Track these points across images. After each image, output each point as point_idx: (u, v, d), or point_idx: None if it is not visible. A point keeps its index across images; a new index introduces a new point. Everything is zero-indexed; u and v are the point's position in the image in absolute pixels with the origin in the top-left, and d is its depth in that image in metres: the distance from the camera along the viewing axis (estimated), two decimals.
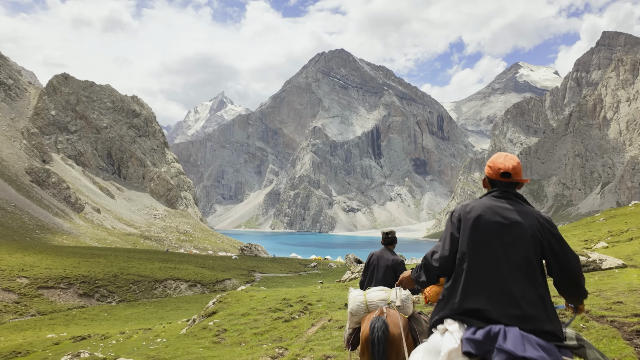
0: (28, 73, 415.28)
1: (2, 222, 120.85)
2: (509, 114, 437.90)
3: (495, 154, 3.86)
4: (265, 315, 14.42)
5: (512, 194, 3.64)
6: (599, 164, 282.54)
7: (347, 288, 20.19)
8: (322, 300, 15.80)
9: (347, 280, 34.55)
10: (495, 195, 3.65)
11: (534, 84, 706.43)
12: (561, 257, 3.44)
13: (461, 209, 3.69)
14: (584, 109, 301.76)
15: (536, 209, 3.59)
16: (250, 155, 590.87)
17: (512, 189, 3.67)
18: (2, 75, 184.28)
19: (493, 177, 3.70)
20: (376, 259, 7.17)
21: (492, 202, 3.60)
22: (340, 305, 14.12)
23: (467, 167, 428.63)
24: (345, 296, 15.85)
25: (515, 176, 3.63)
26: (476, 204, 3.66)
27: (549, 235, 3.45)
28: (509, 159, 3.69)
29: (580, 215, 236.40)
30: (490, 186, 3.79)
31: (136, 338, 19.85)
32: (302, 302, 15.82)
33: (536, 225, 3.45)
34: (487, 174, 3.76)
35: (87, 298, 41.60)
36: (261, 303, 16.78)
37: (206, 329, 14.92)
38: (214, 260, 73.12)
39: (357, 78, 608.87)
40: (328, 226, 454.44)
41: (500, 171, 3.64)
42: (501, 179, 3.66)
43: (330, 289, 20.70)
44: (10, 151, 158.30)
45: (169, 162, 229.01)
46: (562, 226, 62.17)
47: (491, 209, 3.54)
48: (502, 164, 3.65)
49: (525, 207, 3.57)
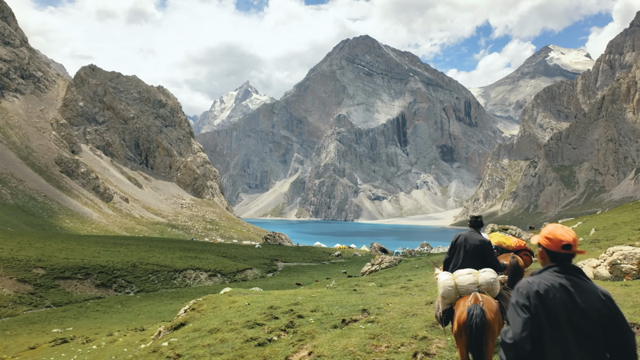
0: (57, 65, 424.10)
1: (33, 212, 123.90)
2: (539, 99, 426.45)
3: (549, 225, 3.99)
4: (238, 333, 11.78)
5: (574, 269, 3.74)
6: (632, 148, 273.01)
7: (355, 290, 18.35)
8: (318, 310, 13.12)
9: (367, 272, 33.55)
10: (558, 271, 3.74)
11: (564, 67, 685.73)
12: (622, 335, 3.54)
13: (528, 287, 3.72)
14: (617, 92, 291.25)
15: (595, 284, 3.73)
16: (276, 144, 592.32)
17: (570, 262, 3.79)
18: (31, 68, 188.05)
19: (553, 249, 3.78)
20: (463, 239, 7.50)
21: (557, 278, 3.68)
22: (338, 319, 11.54)
23: (495, 153, 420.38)
24: (351, 302, 14.07)
25: (574, 248, 3.75)
26: (541, 280, 3.72)
27: (611, 312, 3.57)
28: (567, 230, 3.82)
29: (614, 202, 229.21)
30: (549, 258, 3.85)
31: (121, 343, 18.32)
32: (292, 312, 13.06)
33: (599, 302, 3.57)
34: (546, 245, 3.84)
35: (105, 288, 41.39)
36: (240, 313, 14.00)
37: (156, 352, 12.23)
38: (236, 249, 72.97)
39: (382, 65, 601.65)
40: (353, 214, 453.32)
41: (562, 243, 3.74)
42: (562, 251, 3.76)
43: (334, 292, 18.13)
44: (40, 142, 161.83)
45: (195, 152, 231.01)
46: (605, 212, 59.17)
47: (558, 286, 3.63)
48: (563, 236, 3.76)
49: (587, 284, 3.66)
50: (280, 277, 52.64)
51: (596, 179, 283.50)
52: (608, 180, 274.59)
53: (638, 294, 11.38)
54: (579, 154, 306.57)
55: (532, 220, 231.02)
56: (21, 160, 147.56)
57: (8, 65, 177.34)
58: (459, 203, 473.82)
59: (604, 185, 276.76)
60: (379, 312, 11.86)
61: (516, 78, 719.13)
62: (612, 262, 14.66)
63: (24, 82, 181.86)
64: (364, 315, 11.70)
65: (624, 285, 12.91)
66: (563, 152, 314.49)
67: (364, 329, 10.28)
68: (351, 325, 10.84)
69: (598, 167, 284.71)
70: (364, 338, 9.56)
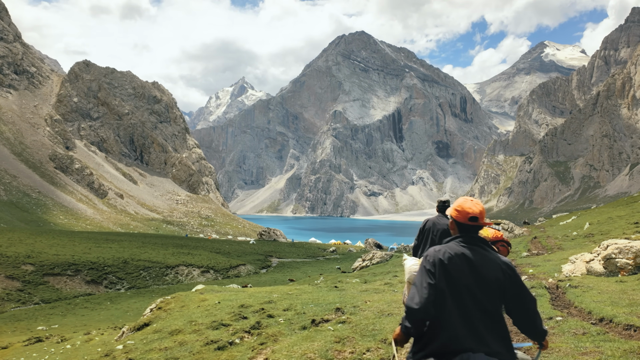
0: (52, 61, 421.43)
1: (27, 208, 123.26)
2: (535, 95, 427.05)
3: (459, 198, 4.24)
4: (200, 334, 10.99)
5: (478, 240, 4.05)
6: (627, 144, 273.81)
7: (336, 287, 17.61)
8: (291, 309, 12.40)
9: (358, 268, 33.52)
10: (464, 242, 4.03)
11: (560, 63, 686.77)
12: (522, 299, 3.91)
13: (434, 255, 4.00)
14: (612, 88, 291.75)
15: (498, 255, 4.06)
16: (271, 140, 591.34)
17: (476, 232, 4.09)
18: (25, 63, 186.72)
19: (461, 220, 4.08)
20: (432, 224, 7.45)
21: (462, 248, 3.98)
22: (308, 319, 10.90)
23: (490, 149, 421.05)
24: (328, 300, 13.45)
25: (481, 220, 4.05)
26: (447, 249, 4.00)
27: (510, 280, 3.90)
28: (475, 203, 4.12)
29: (609, 197, 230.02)
30: (458, 229, 4.14)
31: (96, 342, 17.55)
32: (262, 312, 12.28)
33: (499, 271, 3.90)
34: (454, 217, 4.14)
35: (95, 285, 40.98)
36: (208, 312, 13.24)
37: (109, 357, 11.53)
38: (230, 245, 72.76)
39: (377, 60, 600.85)
40: (349, 210, 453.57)
41: (469, 215, 4.04)
42: (469, 223, 4.05)
43: (313, 289, 17.35)
44: (34, 138, 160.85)
45: (190, 148, 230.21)
46: (600, 207, 59.15)
47: (462, 255, 3.92)
48: (470, 209, 4.06)
49: (489, 254, 4.00)
50: (274, 273, 52.57)
51: (591, 174, 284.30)
52: (603, 176, 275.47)
53: (634, 290, 10.94)
54: (574, 149, 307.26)
55: (527, 216, 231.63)
56: (15, 157, 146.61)
57: (1, 61, 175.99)
58: (454, 199, 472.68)
59: (598, 180, 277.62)
60: (354, 311, 11.36)
61: (512, 74, 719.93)
62: (607, 256, 14.02)
63: (17, 77, 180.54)
64: (337, 314, 11.12)
65: (619, 282, 12.45)
66: (558, 147, 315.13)
67: (332, 331, 9.72)
68: (320, 327, 10.26)
69: (593, 162, 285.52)
70: (328, 342, 9.02)
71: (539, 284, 12.75)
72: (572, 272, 14.96)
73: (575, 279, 13.40)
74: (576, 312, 9.87)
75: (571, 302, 10.67)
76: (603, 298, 10.46)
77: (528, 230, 45.78)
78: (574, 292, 11.43)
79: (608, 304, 9.83)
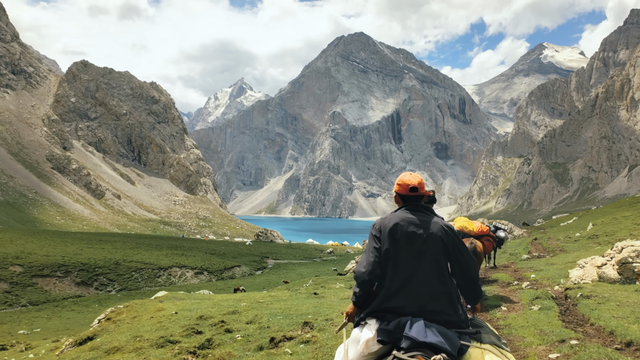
0: (50, 61, 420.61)
1: (23, 209, 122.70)
2: (533, 96, 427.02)
3: (401, 174, 4.50)
4: (140, 354, 9.52)
5: (422, 207, 4.25)
6: (626, 146, 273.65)
7: (316, 294, 16.00)
8: (255, 321, 10.93)
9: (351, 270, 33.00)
10: (408, 209, 4.22)
11: (558, 65, 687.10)
12: (461, 260, 4.06)
13: (380, 222, 4.21)
14: (610, 90, 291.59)
15: (441, 218, 4.27)
16: (270, 141, 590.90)
17: (419, 202, 4.29)
18: (22, 63, 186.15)
19: (402, 192, 4.30)
20: None
21: (406, 214, 4.16)
22: (267, 337, 9.50)
23: (489, 150, 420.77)
24: (301, 310, 12.11)
25: (420, 190, 4.26)
26: (393, 216, 4.20)
27: (452, 241, 4.07)
28: (414, 176, 4.37)
29: (607, 199, 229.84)
30: (402, 200, 4.36)
31: (41, 356, 16.06)
32: (221, 325, 10.75)
33: (442, 232, 4.05)
34: (397, 190, 4.35)
35: (85, 287, 40.36)
36: (160, 325, 11.68)
37: None
38: (226, 246, 72.24)
39: (376, 62, 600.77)
40: (348, 212, 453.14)
41: (408, 187, 4.26)
42: (410, 193, 4.26)
43: (289, 297, 15.89)
44: (32, 138, 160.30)
45: (189, 149, 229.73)
46: (601, 208, 58.31)
47: (405, 220, 4.10)
48: (410, 181, 4.29)
49: (432, 218, 4.19)
50: (269, 274, 52.07)
51: (590, 176, 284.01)
52: (601, 178, 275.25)
53: None
54: (572, 151, 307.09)
55: (525, 218, 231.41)
56: (11, 157, 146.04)
57: None
58: (453, 200, 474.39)
59: (597, 182, 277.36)
60: (324, 326, 9.97)
61: (510, 75, 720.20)
62: (622, 260, 12.20)
63: (14, 77, 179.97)
64: (304, 330, 9.76)
65: (638, 291, 10.66)
66: (557, 149, 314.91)
67: (290, 355, 8.39)
68: (279, 348, 8.89)
69: (592, 164, 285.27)
70: None
71: (545, 294, 11.04)
72: (581, 279, 13.06)
73: (585, 287, 11.42)
74: (593, 332, 8.11)
75: (585, 317, 9.02)
76: (625, 313, 8.69)
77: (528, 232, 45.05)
78: (587, 304, 9.74)
79: (633, 321, 8.09)
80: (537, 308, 9.84)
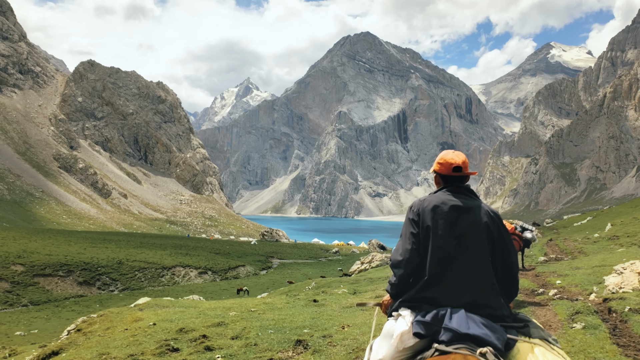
0: (58, 61, 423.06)
1: (30, 208, 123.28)
2: (540, 96, 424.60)
3: (442, 151, 4.05)
4: None
5: (465, 189, 3.84)
6: (634, 146, 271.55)
7: (315, 301, 14.29)
8: (241, 337, 9.44)
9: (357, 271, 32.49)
10: (450, 191, 3.81)
11: (566, 64, 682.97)
12: (505, 251, 3.68)
13: (419, 204, 3.80)
14: (618, 90, 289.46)
15: (485, 204, 3.83)
16: (276, 141, 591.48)
17: (463, 183, 3.89)
18: (30, 63, 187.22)
19: (444, 172, 3.88)
20: None
21: (448, 196, 3.75)
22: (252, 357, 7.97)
23: (496, 150, 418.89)
24: (297, 322, 10.56)
25: (465, 170, 3.85)
26: (432, 198, 3.79)
27: (498, 228, 3.68)
28: (457, 154, 3.94)
29: (615, 200, 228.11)
30: (443, 181, 3.94)
31: None
32: (202, 341, 9.24)
33: (488, 218, 3.68)
34: (438, 170, 3.93)
35: (87, 286, 40.01)
36: (133, 339, 10.19)
37: None
38: (231, 246, 72.10)
39: (383, 61, 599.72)
40: (354, 211, 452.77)
41: (452, 166, 3.84)
42: (453, 174, 3.85)
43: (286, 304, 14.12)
44: (39, 137, 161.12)
45: (195, 148, 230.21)
46: (617, 207, 56.79)
47: (447, 203, 3.69)
48: (453, 160, 3.86)
49: (477, 202, 3.78)
50: (274, 274, 51.87)
51: (597, 176, 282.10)
52: (609, 178, 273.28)
53: None
54: (580, 151, 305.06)
55: (533, 218, 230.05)
56: (19, 156, 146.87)
57: (6, 60, 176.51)
58: None
59: (605, 182, 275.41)
60: (321, 345, 8.26)
61: (517, 75, 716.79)
62: None
63: (22, 77, 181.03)
64: (295, 351, 8.12)
65: None
66: (564, 149, 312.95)
67: None
68: None
69: (599, 164, 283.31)
70: None
71: (587, 308, 8.76)
72: (620, 287, 10.78)
73: (629, 298, 9.04)
74: None
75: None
76: None
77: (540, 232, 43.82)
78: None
79: None
80: (580, 326, 7.90)
